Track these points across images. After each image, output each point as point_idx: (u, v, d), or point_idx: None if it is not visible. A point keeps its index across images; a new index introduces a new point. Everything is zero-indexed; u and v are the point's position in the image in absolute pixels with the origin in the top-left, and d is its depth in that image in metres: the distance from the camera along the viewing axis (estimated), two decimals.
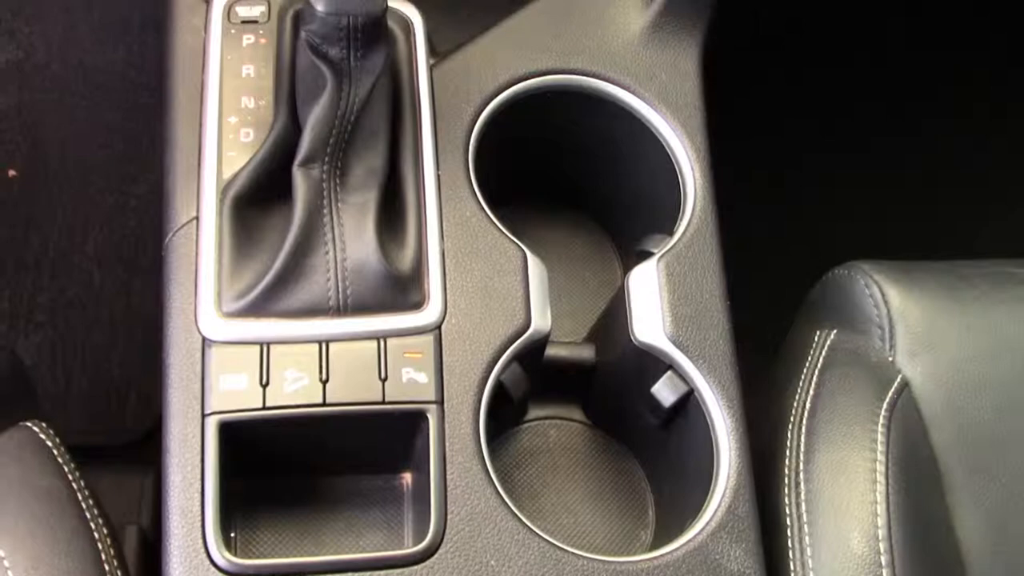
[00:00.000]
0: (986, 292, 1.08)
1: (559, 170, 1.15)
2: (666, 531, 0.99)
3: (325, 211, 0.89)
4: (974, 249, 1.21)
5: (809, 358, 1.05)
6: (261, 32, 0.98)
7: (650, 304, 0.96)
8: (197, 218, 0.90)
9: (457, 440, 0.87)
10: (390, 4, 0.91)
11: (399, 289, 0.89)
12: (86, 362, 1.58)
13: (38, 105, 1.61)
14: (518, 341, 0.92)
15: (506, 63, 1.03)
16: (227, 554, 0.81)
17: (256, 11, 0.98)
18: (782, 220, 1.80)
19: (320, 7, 0.86)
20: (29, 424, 0.97)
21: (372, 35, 0.89)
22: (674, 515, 0.99)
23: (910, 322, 1.03)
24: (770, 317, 1.18)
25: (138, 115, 1.61)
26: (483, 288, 0.92)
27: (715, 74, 1.10)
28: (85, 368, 1.58)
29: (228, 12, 0.98)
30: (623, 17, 1.07)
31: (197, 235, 0.90)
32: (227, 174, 0.91)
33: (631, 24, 1.07)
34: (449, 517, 0.85)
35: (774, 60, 1.85)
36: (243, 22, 0.98)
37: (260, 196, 0.91)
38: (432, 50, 1.03)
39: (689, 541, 0.88)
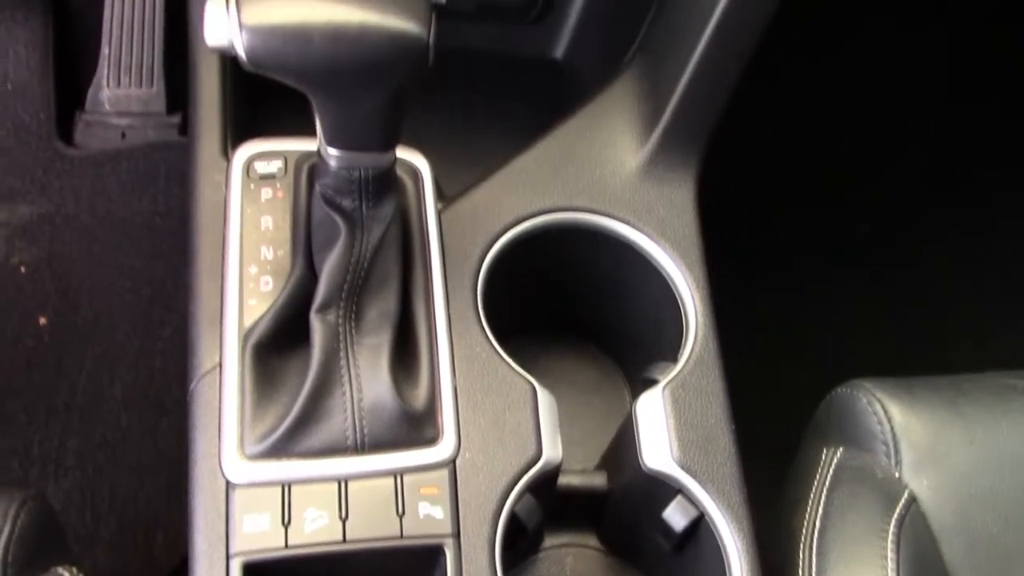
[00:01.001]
0: (988, 406, 1.10)
1: (566, 302, 1.20)
2: None
3: (341, 354, 0.93)
4: (976, 361, 1.25)
5: (817, 476, 1.08)
6: (278, 186, 1.04)
7: (658, 431, 0.99)
8: (220, 365, 0.95)
9: (474, 572, 0.89)
10: (398, 155, 0.97)
11: (414, 426, 0.93)
12: (114, 504, 1.61)
13: (68, 255, 1.68)
14: (530, 472, 0.95)
15: (510, 204, 1.08)
16: None
17: (273, 167, 1.04)
18: (786, 340, 1.83)
19: (333, 162, 0.92)
20: (60, 570, 1.00)
21: (382, 186, 0.95)
22: None
23: (914, 438, 1.06)
24: (778, 436, 1.20)
25: (163, 261, 1.68)
26: (495, 422, 0.96)
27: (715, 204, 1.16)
28: (113, 509, 1.61)
29: (247, 168, 1.04)
30: (620, 157, 1.13)
31: (220, 382, 0.94)
32: (248, 321, 0.96)
33: (628, 163, 1.13)
34: None
35: (768, 191, 1.91)
36: (261, 177, 1.04)
37: (280, 342, 0.95)
38: (440, 195, 1.08)
39: None
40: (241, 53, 0.81)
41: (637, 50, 1.18)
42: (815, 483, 1.07)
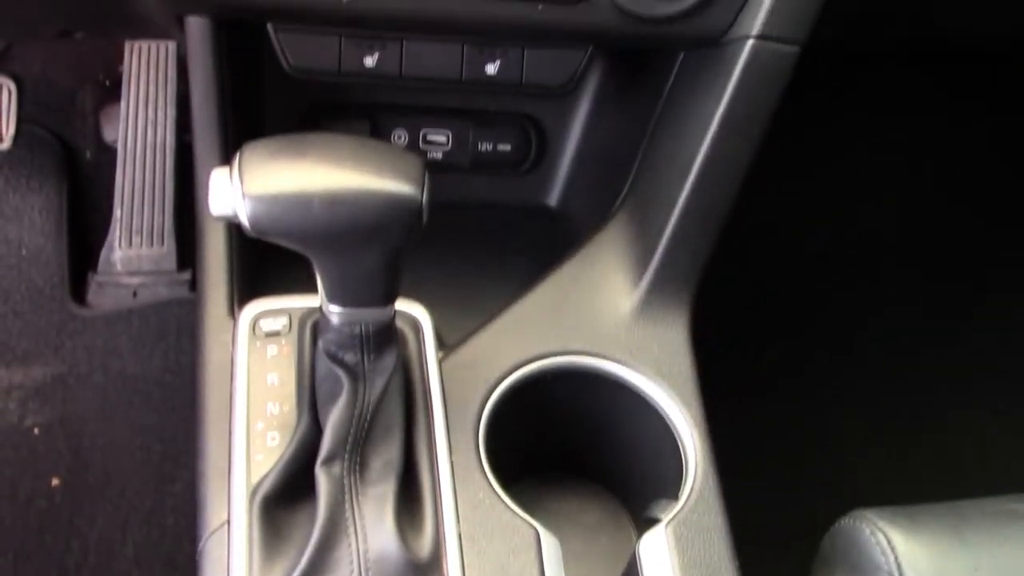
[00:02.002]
0: (991, 531, 1.11)
1: (568, 443, 1.21)
2: None
3: (347, 506, 0.95)
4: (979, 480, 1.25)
5: None
6: (284, 342, 1.07)
7: (662, 570, 1.00)
8: (228, 522, 0.96)
9: None
10: (399, 307, 1.00)
11: (419, 575, 0.94)
12: None
13: (81, 415, 1.71)
14: None
15: (508, 351, 1.11)
16: None
17: (279, 324, 1.08)
18: (788, 472, 1.84)
19: (335, 319, 0.96)
20: None
21: (383, 339, 0.98)
22: None
23: (918, 567, 1.06)
24: (783, 569, 1.20)
25: (174, 416, 1.70)
26: (500, 568, 0.97)
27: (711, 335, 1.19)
28: None
29: (253, 326, 1.08)
30: (613, 300, 1.17)
31: (228, 540, 0.95)
32: (255, 477, 0.98)
33: (621, 305, 1.16)
34: None
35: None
36: (267, 335, 1.07)
37: (287, 496, 0.97)
38: (440, 344, 1.12)
39: None
40: (245, 221, 0.85)
41: (625, 197, 1.23)
42: None
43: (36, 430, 1.71)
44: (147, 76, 2.04)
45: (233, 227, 1.15)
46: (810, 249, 2.14)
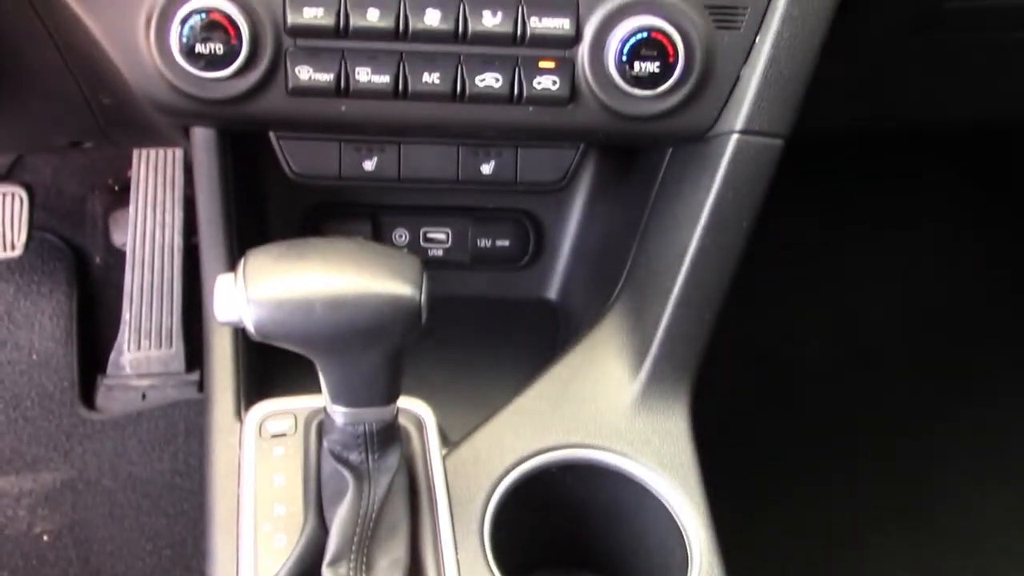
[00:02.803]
0: None
1: (573, 536, 1.22)
2: None
3: None
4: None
5: None
6: (290, 444, 1.09)
7: None
8: None
9: None
10: (401, 404, 1.02)
11: None
12: None
13: (90, 520, 1.72)
14: None
15: (511, 445, 1.13)
16: None
17: (284, 425, 1.10)
18: (797, 558, 1.83)
19: (339, 419, 0.97)
20: None
21: (386, 438, 0.99)
22: None
23: None
24: None
25: (184, 520, 1.71)
26: None
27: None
28: None
29: (260, 428, 1.10)
30: (613, 391, 1.18)
31: None
32: None
33: (621, 396, 1.18)
34: None
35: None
36: (273, 436, 1.09)
37: None
38: (444, 440, 1.13)
39: None
40: (250, 327, 0.88)
41: (622, 288, 1.26)
42: None
43: (46, 537, 1.71)
44: (155, 180, 2.09)
45: (239, 330, 1.18)
46: (810, 331, 2.16)
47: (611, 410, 1.17)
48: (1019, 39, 1.49)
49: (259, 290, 0.87)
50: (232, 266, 0.90)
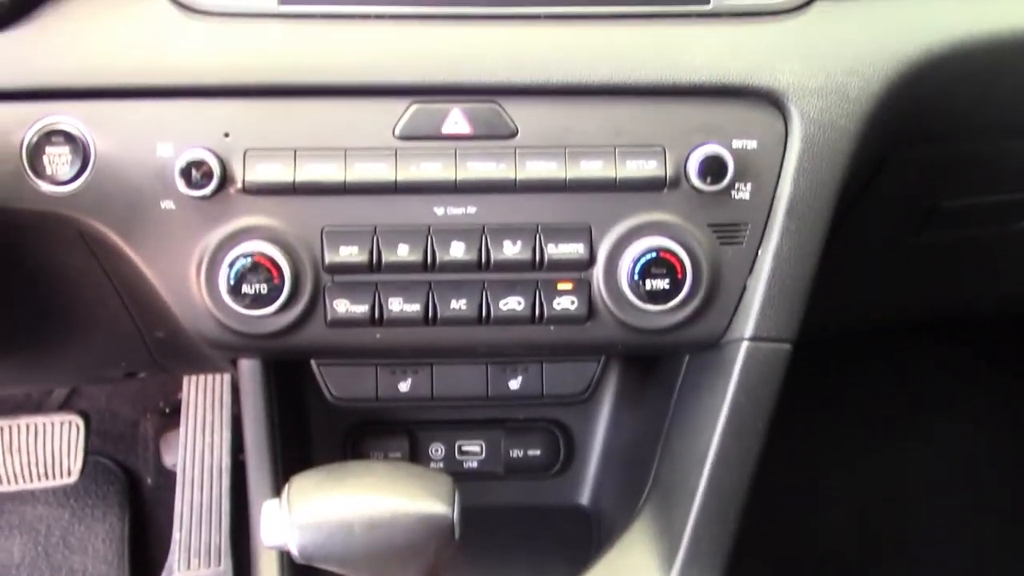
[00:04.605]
0: None
1: None
2: None
3: None
4: None
5: None
6: None
7: None
8: None
9: None
10: None
11: None
12: None
13: None
14: None
15: None
16: None
17: None
18: None
19: None
20: None
21: None
22: None
23: None
24: None
25: None
26: None
27: None
28: None
29: None
30: None
31: None
32: None
33: None
34: None
35: None
36: None
37: None
38: None
39: None
40: (294, 550, 0.94)
41: (650, 492, 1.30)
42: None
43: None
44: (204, 402, 2.18)
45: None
46: (839, 521, 2.17)
47: None
48: (1021, 229, 1.56)
49: (302, 516, 0.94)
50: (278, 488, 0.97)
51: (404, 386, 1.33)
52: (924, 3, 1.18)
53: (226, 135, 1.11)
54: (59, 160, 1.11)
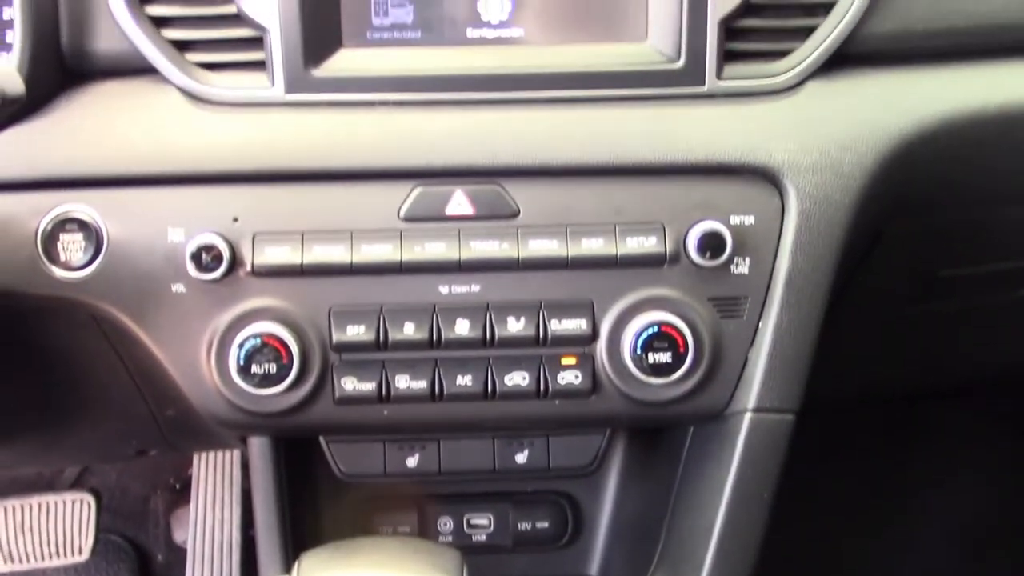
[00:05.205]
0: None
1: None
2: None
3: None
4: None
5: None
6: None
7: None
8: None
9: None
10: None
11: None
12: None
13: None
14: None
15: None
16: None
17: None
18: None
19: None
20: None
21: None
22: None
23: None
24: None
25: None
26: None
27: None
28: None
29: None
30: None
31: None
32: None
33: None
34: None
35: None
36: None
37: None
38: None
39: None
40: None
41: (658, 563, 1.31)
42: None
43: None
44: (214, 479, 2.19)
45: None
46: None
47: None
48: (1019, 297, 1.58)
49: None
50: (288, 565, 0.98)
51: (412, 461, 1.34)
52: (912, 81, 1.21)
53: (235, 220, 1.13)
54: (73, 247, 1.14)
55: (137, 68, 1.15)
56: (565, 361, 1.19)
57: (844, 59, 1.19)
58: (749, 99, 1.17)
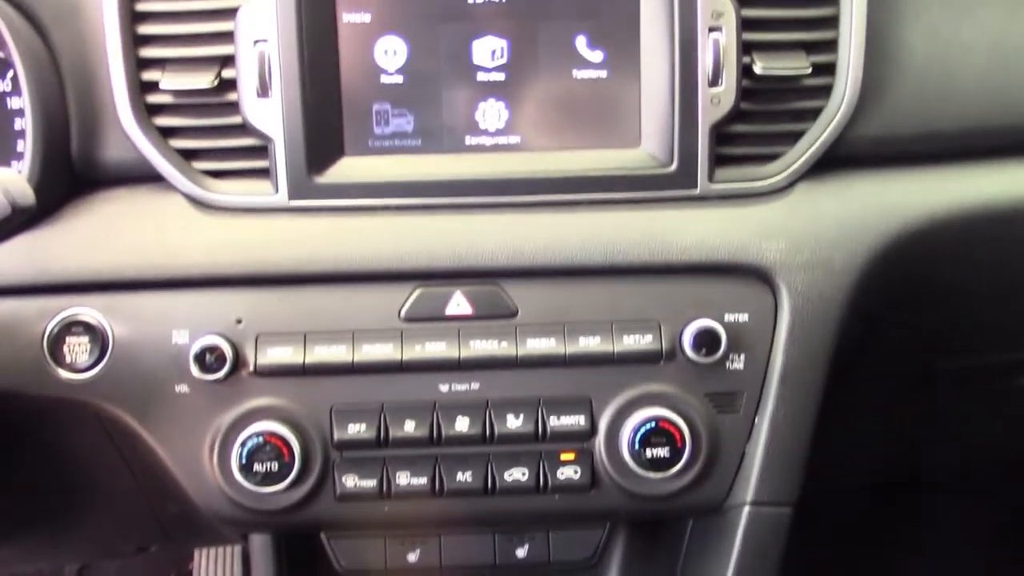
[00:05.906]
0: None
1: None
2: None
3: None
4: None
5: None
6: None
7: None
8: None
9: None
10: None
11: None
12: None
13: None
14: None
15: None
16: None
17: None
18: None
19: None
20: None
21: None
22: None
23: None
24: None
25: None
26: None
27: None
28: None
29: None
30: None
31: None
32: None
33: None
34: None
35: None
36: None
37: None
38: None
39: None
40: None
41: None
42: None
43: None
44: (216, 574, 2.17)
45: None
46: None
47: None
48: (1019, 386, 1.59)
49: None
50: None
51: (413, 556, 1.34)
52: (899, 181, 1.24)
53: (238, 322, 1.16)
54: (79, 349, 1.16)
55: (144, 175, 1.18)
56: (564, 457, 1.20)
57: (832, 161, 1.22)
58: (740, 201, 1.20)
